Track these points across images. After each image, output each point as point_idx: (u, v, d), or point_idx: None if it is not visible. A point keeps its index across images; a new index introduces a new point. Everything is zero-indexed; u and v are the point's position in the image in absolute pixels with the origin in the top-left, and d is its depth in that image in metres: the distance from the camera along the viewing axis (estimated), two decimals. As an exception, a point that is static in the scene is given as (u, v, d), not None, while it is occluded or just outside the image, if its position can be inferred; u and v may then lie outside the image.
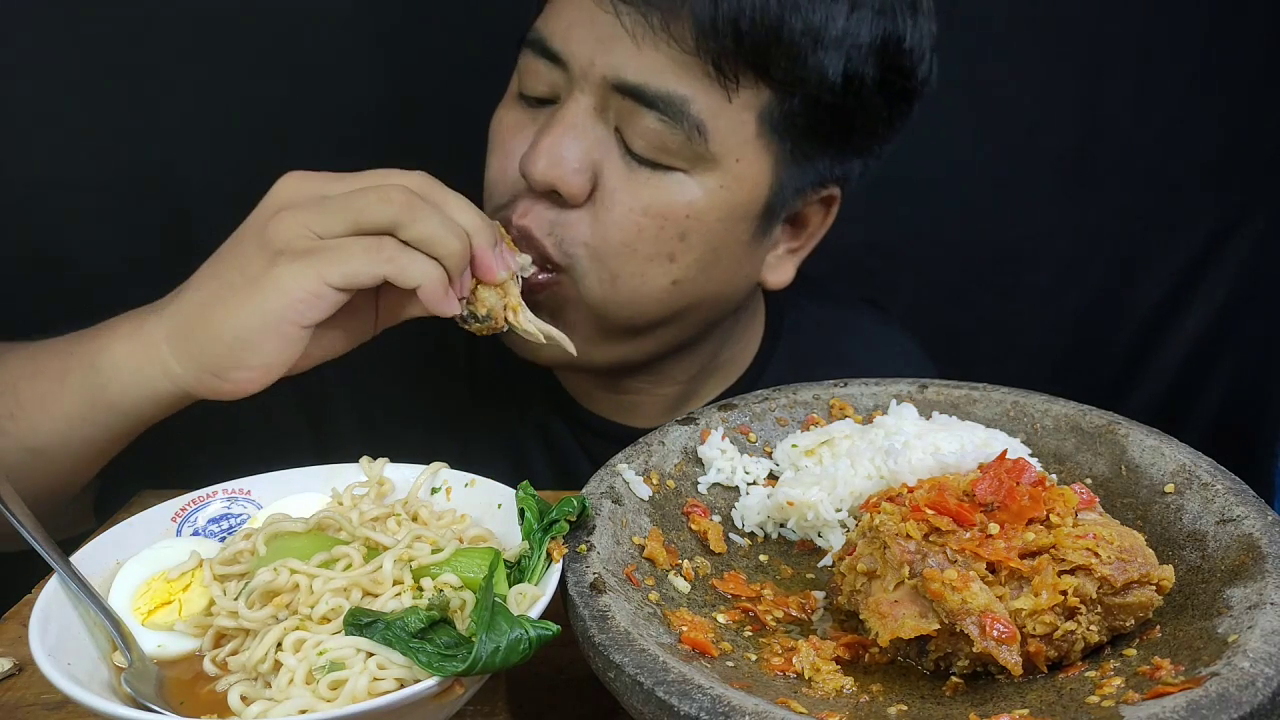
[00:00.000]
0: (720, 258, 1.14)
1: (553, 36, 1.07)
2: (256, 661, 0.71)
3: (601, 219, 1.08)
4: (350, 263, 0.90)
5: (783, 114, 1.07)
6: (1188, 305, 1.87)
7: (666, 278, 1.12)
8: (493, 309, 0.99)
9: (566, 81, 1.07)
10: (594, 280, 1.10)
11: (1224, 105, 1.78)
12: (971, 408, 1.04)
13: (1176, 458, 0.89)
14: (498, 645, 0.68)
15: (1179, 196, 1.83)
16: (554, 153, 1.05)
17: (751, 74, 1.04)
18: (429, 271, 0.92)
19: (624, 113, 1.05)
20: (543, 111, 1.11)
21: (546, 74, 1.09)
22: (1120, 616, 0.75)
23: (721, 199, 1.09)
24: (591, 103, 1.06)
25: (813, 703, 0.71)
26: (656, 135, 1.05)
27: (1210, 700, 0.62)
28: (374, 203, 0.91)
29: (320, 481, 0.92)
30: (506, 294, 1.00)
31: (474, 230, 0.95)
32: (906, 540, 0.77)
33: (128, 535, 0.84)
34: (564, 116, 1.06)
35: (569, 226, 1.09)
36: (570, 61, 1.06)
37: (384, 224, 0.91)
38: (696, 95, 1.03)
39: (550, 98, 1.10)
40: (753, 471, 1.00)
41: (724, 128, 1.06)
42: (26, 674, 0.84)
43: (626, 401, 1.32)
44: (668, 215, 1.08)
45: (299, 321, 0.91)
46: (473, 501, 0.90)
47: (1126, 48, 1.76)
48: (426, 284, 0.92)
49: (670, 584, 0.85)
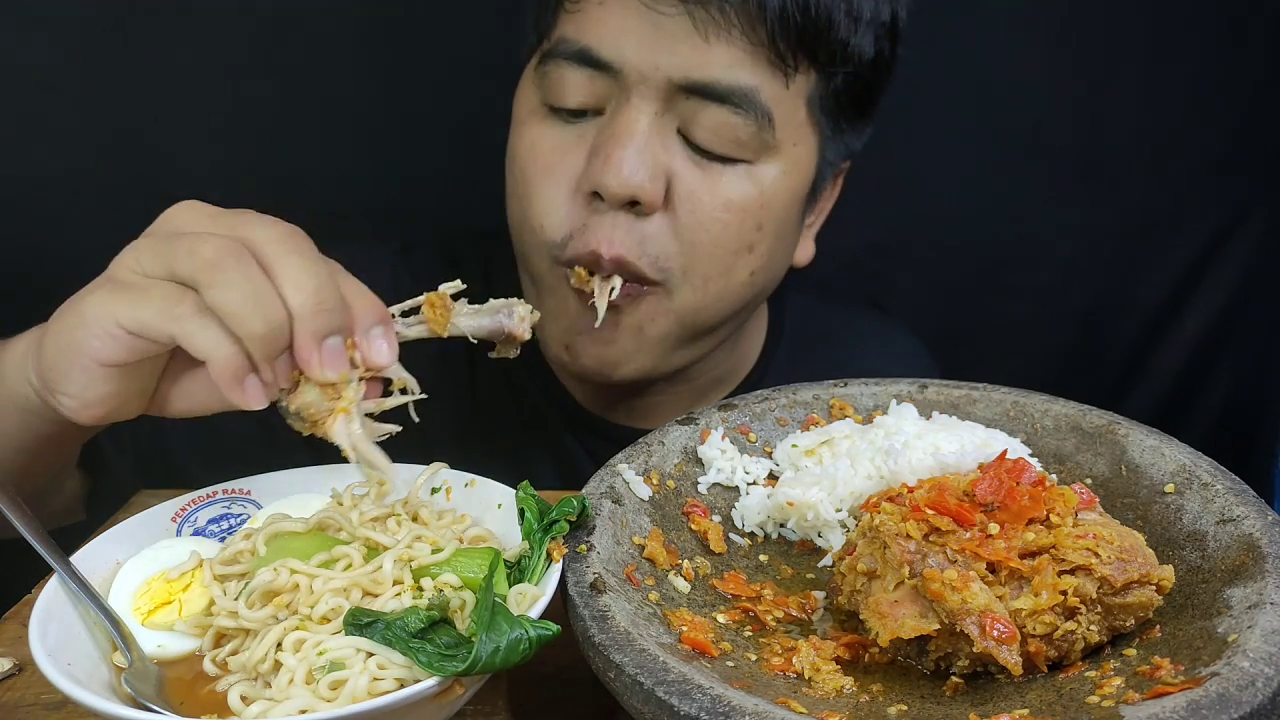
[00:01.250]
0: (784, 242, 1.17)
1: (600, 45, 1.05)
2: (256, 661, 0.71)
3: (685, 222, 1.08)
4: (141, 309, 0.78)
5: (826, 95, 1.12)
6: (1188, 305, 1.87)
7: (746, 270, 1.13)
8: (309, 410, 0.81)
9: (617, 89, 1.06)
10: (688, 288, 1.11)
11: (1225, 105, 1.78)
12: (971, 408, 1.04)
13: (1176, 458, 0.89)
14: (498, 645, 0.68)
15: (1179, 196, 1.82)
16: (631, 163, 1.03)
17: (805, 59, 1.07)
18: (219, 348, 0.76)
19: (689, 111, 1.05)
20: (585, 125, 1.09)
21: (589, 84, 1.07)
22: (1120, 616, 0.75)
23: (785, 184, 1.12)
24: (654, 107, 1.05)
25: (813, 703, 0.71)
26: (729, 128, 1.06)
27: (1210, 700, 0.62)
28: (185, 252, 0.78)
29: (320, 482, 0.93)
30: (338, 396, 0.81)
31: (302, 312, 0.77)
32: (906, 540, 0.77)
33: (128, 535, 0.85)
34: (628, 124, 1.04)
35: (656, 240, 1.07)
36: (625, 68, 1.04)
37: (186, 278, 0.77)
38: (763, 84, 1.05)
39: (594, 108, 1.08)
40: (753, 471, 1.00)
41: (784, 114, 1.08)
42: (26, 674, 0.84)
43: (640, 405, 1.30)
44: (746, 207, 1.09)
45: (95, 358, 0.80)
46: (473, 501, 0.90)
47: (1127, 48, 1.76)
48: (214, 361, 0.77)
49: (670, 584, 0.85)
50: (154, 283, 0.79)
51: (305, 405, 0.81)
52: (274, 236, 0.79)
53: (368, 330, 0.82)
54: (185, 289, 0.78)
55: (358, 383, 0.82)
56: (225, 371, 0.77)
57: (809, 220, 1.26)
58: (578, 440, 1.32)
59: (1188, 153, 1.80)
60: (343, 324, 0.80)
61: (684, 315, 1.13)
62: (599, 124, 1.08)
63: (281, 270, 0.77)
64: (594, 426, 1.31)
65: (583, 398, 1.31)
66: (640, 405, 1.30)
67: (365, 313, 0.81)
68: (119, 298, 0.79)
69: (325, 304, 0.78)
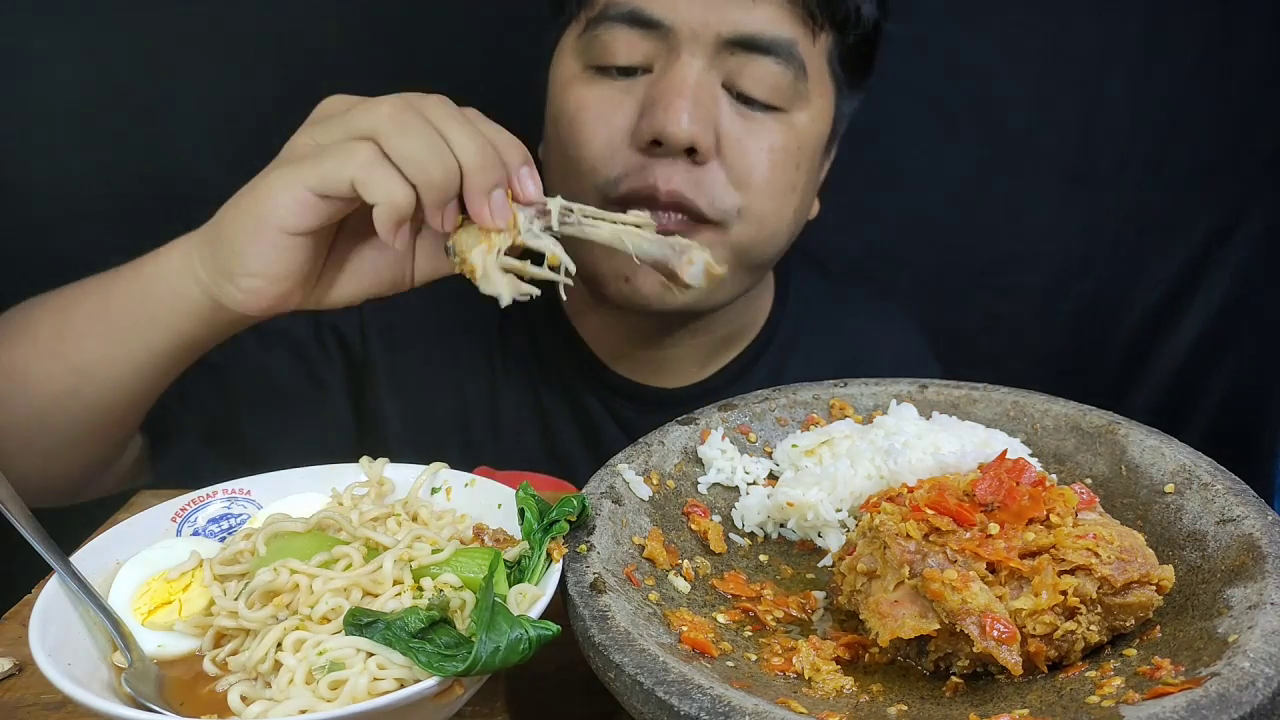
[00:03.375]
0: (813, 185, 1.28)
1: (651, 5, 1.13)
2: (256, 661, 0.71)
3: (738, 166, 1.16)
4: (323, 164, 0.88)
5: (840, 53, 1.22)
6: (1188, 305, 1.87)
7: (791, 208, 1.23)
8: (464, 251, 0.91)
9: (667, 47, 1.14)
10: (744, 226, 1.18)
11: (1223, 105, 1.78)
12: (971, 408, 1.04)
13: (1176, 458, 0.89)
14: (498, 645, 0.68)
15: (1179, 196, 1.83)
16: (690, 112, 1.10)
17: (827, 19, 1.18)
18: (392, 191, 0.87)
19: (735, 65, 1.14)
20: (632, 82, 1.16)
21: (639, 43, 1.14)
22: (1120, 616, 0.75)
23: (814, 131, 1.22)
24: (702, 63, 1.13)
25: (813, 703, 0.71)
26: (772, 78, 1.15)
27: (1210, 700, 0.62)
28: (362, 112, 0.89)
29: (320, 481, 0.92)
30: (489, 244, 0.90)
31: (470, 166, 0.89)
32: (906, 540, 0.77)
33: (128, 535, 0.85)
34: (684, 77, 1.12)
35: (711, 183, 1.15)
36: (677, 25, 1.12)
37: (368, 132, 0.88)
38: (798, 38, 1.16)
39: (643, 66, 1.15)
40: (753, 471, 1.00)
41: (813, 67, 1.19)
42: (26, 674, 0.84)
43: (660, 358, 1.36)
44: (787, 149, 1.19)
45: (283, 227, 0.90)
46: (473, 501, 0.90)
47: (1126, 48, 1.76)
48: (384, 204, 0.87)
49: (670, 584, 0.85)
50: (332, 145, 0.89)
51: (461, 244, 0.90)
52: (433, 102, 0.90)
53: (516, 169, 0.92)
54: (363, 141, 0.87)
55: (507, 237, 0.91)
56: (392, 215, 0.87)
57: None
58: (598, 398, 1.38)
59: (1186, 153, 1.81)
60: (503, 177, 0.90)
61: (739, 251, 1.20)
62: (647, 81, 1.15)
63: (447, 130, 0.88)
64: (613, 384, 1.37)
65: (605, 353, 1.37)
66: (660, 359, 1.36)
67: (512, 156, 0.91)
68: (300, 165, 0.89)
69: (489, 160, 0.89)
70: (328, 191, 0.89)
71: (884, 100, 1.78)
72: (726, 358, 1.40)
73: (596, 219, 0.94)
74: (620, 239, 0.94)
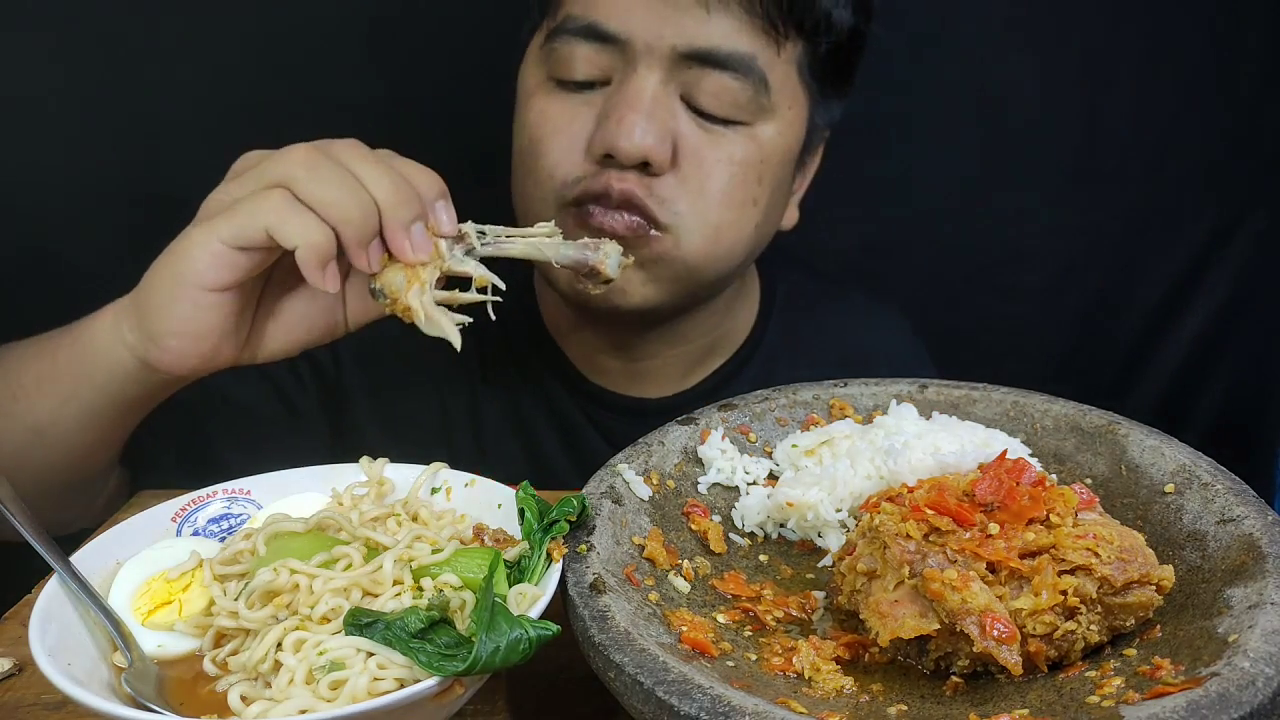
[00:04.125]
0: (779, 199, 1.26)
1: (608, 19, 1.12)
2: (257, 661, 0.71)
3: (694, 177, 1.15)
4: (237, 216, 0.88)
5: (812, 62, 1.20)
6: (1188, 305, 1.87)
7: (752, 223, 1.21)
8: (393, 289, 0.91)
9: (624, 60, 1.13)
10: (698, 238, 1.17)
11: (1224, 105, 1.78)
12: (971, 408, 1.04)
13: (1176, 458, 0.89)
14: (498, 645, 0.68)
15: (1179, 196, 1.82)
16: (642, 126, 1.10)
17: (794, 29, 1.15)
18: (310, 234, 0.86)
19: (692, 79, 1.13)
20: (591, 95, 1.15)
21: (596, 57, 1.13)
22: (1120, 616, 0.75)
23: (779, 144, 1.20)
24: (659, 76, 1.12)
25: (813, 703, 0.71)
26: (729, 93, 1.13)
27: (1210, 700, 0.62)
28: (274, 161, 0.89)
29: (320, 481, 0.92)
30: (417, 278, 0.91)
31: (387, 203, 0.88)
32: (906, 540, 0.77)
33: (128, 535, 0.85)
34: (638, 91, 1.12)
35: (665, 192, 1.14)
36: (633, 39, 1.11)
37: (280, 179, 0.88)
38: (758, 51, 1.14)
39: (601, 80, 1.15)
40: (753, 471, 1.00)
41: (778, 79, 1.16)
42: (26, 674, 0.84)
43: (639, 369, 1.35)
44: (749, 162, 1.17)
45: (202, 284, 0.90)
46: (473, 501, 0.90)
47: (1127, 48, 1.76)
48: (304, 247, 0.87)
49: (670, 584, 0.85)
50: (245, 196, 0.88)
51: (389, 284, 0.91)
52: (344, 145, 0.90)
53: (431, 203, 0.92)
54: (275, 189, 0.87)
55: (433, 268, 0.92)
56: (314, 257, 0.86)
57: (795, 185, 1.33)
58: (579, 408, 1.37)
59: (1186, 152, 1.80)
60: (422, 211, 0.91)
61: (693, 262, 1.19)
62: (605, 94, 1.15)
63: (360, 170, 0.88)
64: (594, 394, 1.37)
65: (584, 366, 1.37)
66: (640, 370, 1.36)
67: (426, 190, 0.92)
68: (214, 221, 0.89)
69: (405, 195, 0.89)
70: (244, 243, 0.89)
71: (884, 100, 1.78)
72: (710, 367, 1.39)
73: (510, 237, 0.96)
74: (536, 249, 0.97)
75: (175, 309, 0.92)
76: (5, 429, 1.03)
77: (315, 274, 0.88)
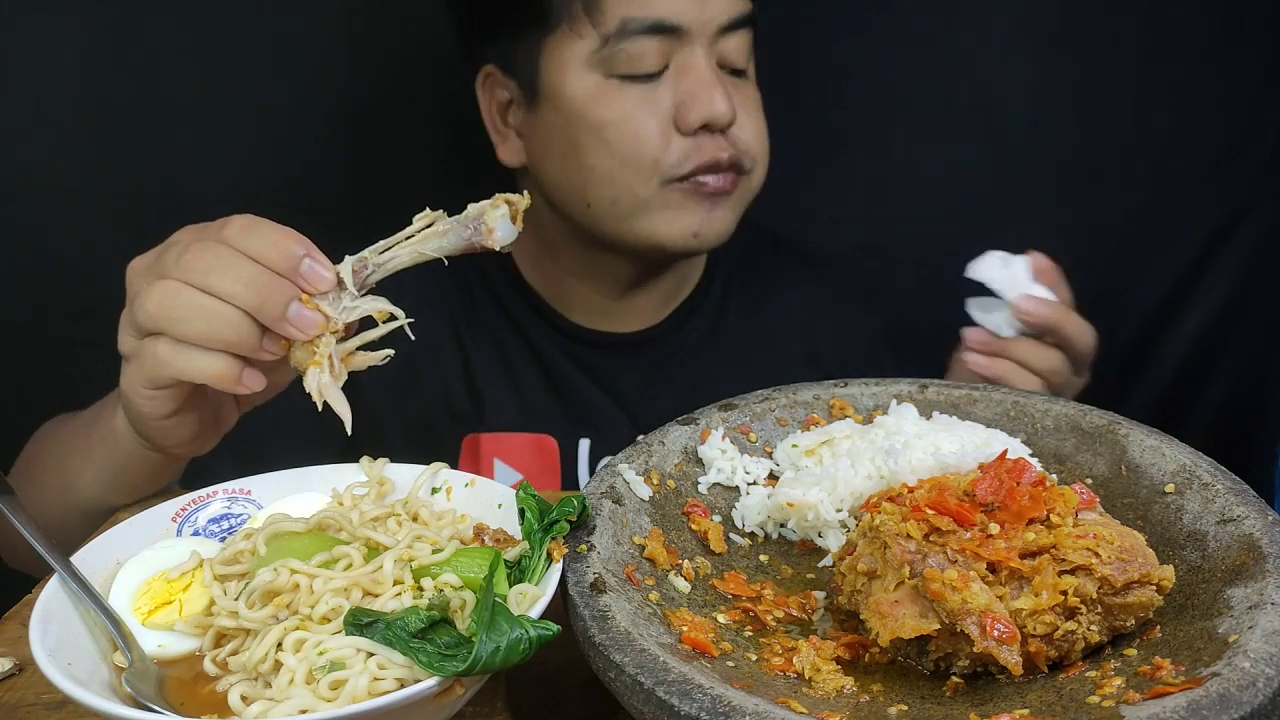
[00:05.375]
0: None
1: (669, 14, 1.30)
2: (257, 661, 0.71)
3: (746, 123, 1.38)
4: (143, 369, 0.91)
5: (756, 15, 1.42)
6: (1188, 305, 1.87)
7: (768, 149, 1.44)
8: (299, 363, 0.91)
9: (679, 45, 1.32)
10: (760, 168, 1.42)
11: (1222, 104, 1.78)
12: (972, 408, 1.04)
13: (1177, 458, 0.89)
14: (498, 645, 0.68)
15: (1180, 196, 1.82)
16: (722, 95, 1.31)
17: None
18: (209, 368, 0.89)
19: (726, 44, 1.34)
20: (655, 83, 1.32)
21: (661, 47, 1.31)
22: (1120, 616, 0.75)
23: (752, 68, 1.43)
24: (706, 49, 1.33)
25: (813, 703, 0.71)
26: (745, 46, 1.38)
27: (1211, 700, 0.62)
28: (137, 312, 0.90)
29: (320, 481, 0.93)
30: (316, 353, 0.89)
31: (254, 307, 0.87)
32: (907, 540, 0.77)
33: (128, 535, 0.85)
34: (706, 68, 1.32)
35: (739, 143, 1.36)
36: (686, 26, 1.31)
37: (152, 328, 0.89)
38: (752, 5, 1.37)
39: (663, 68, 1.32)
40: (753, 471, 1.00)
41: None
42: (27, 674, 0.84)
43: (626, 306, 1.52)
44: (758, 101, 1.43)
45: (153, 416, 0.95)
46: (473, 501, 0.90)
47: (1127, 47, 1.76)
48: (211, 379, 0.89)
49: (670, 584, 0.85)
50: (139, 345, 0.91)
51: (298, 362, 0.91)
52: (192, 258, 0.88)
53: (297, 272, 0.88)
54: (155, 338, 0.90)
55: (329, 336, 0.89)
56: (225, 381, 0.89)
57: None
58: (560, 350, 1.52)
59: (1186, 152, 1.80)
60: (292, 290, 0.88)
61: (752, 190, 1.43)
62: (666, 79, 1.32)
63: (214, 287, 0.87)
64: (573, 333, 1.52)
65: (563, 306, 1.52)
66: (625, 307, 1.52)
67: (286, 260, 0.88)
68: (129, 370, 0.94)
69: (267, 291, 0.87)
70: (162, 384, 0.92)
71: (884, 100, 1.78)
72: (678, 299, 1.56)
73: (388, 250, 0.92)
74: (420, 253, 0.92)
75: (154, 433, 0.98)
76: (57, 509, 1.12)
77: (237, 389, 0.90)
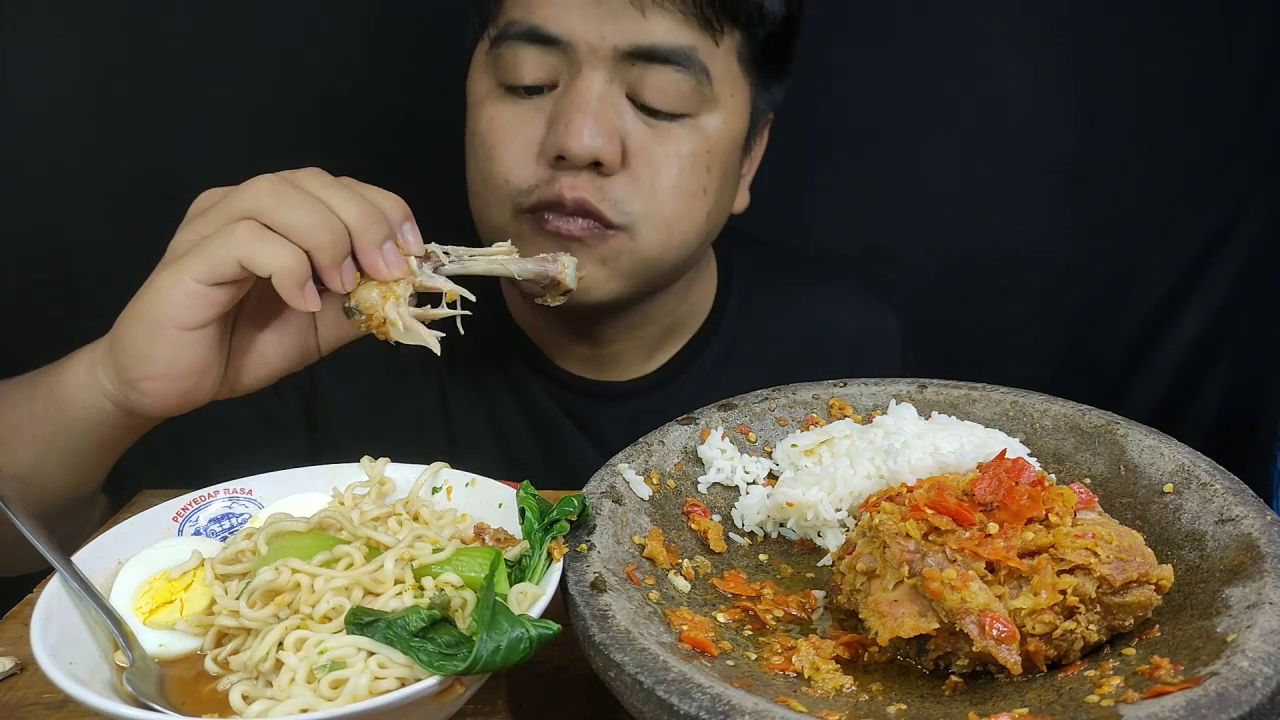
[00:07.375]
0: (729, 185, 1.29)
1: (548, 22, 1.13)
2: (258, 660, 0.71)
3: (644, 175, 1.17)
4: (207, 252, 0.89)
5: (751, 51, 1.23)
6: (1187, 305, 1.87)
7: (703, 212, 1.24)
8: (369, 306, 0.93)
9: (568, 62, 1.15)
10: (653, 232, 1.20)
11: (1221, 105, 1.78)
12: (971, 408, 1.04)
13: (1175, 457, 0.89)
14: (498, 644, 0.68)
15: (1178, 196, 1.83)
16: (591, 127, 1.12)
17: (729, 21, 1.17)
18: (284, 259, 0.88)
19: (636, 76, 1.15)
20: (540, 99, 1.17)
21: (541, 60, 1.15)
22: (1119, 616, 0.75)
23: (725, 133, 1.22)
24: (603, 75, 1.14)
25: (812, 702, 0.71)
26: (673, 86, 1.16)
27: (1209, 699, 0.62)
28: (239, 195, 0.90)
29: (321, 481, 0.93)
30: (391, 293, 0.93)
31: (357, 226, 0.90)
32: (906, 540, 0.77)
33: (129, 535, 0.85)
34: (585, 92, 1.13)
35: (617, 191, 1.17)
36: (576, 41, 1.13)
37: (247, 211, 0.89)
38: (697, 44, 1.16)
39: (548, 83, 1.17)
40: (753, 471, 1.00)
41: (718, 69, 1.19)
42: (28, 673, 0.84)
43: (604, 355, 1.39)
44: (696, 154, 1.20)
45: (179, 324, 0.90)
46: (473, 501, 0.90)
47: (1126, 47, 1.76)
48: (280, 271, 0.88)
49: (670, 583, 0.85)
50: (213, 232, 0.89)
51: (364, 300, 0.92)
52: (308, 174, 0.92)
53: (399, 225, 0.94)
54: (243, 221, 0.88)
55: (406, 284, 0.94)
56: (291, 280, 0.88)
57: (744, 170, 1.35)
58: (548, 394, 1.41)
59: (1184, 152, 1.80)
60: (391, 231, 0.93)
61: (649, 256, 1.22)
62: (553, 97, 1.17)
63: (327, 196, 0.90)
64: (563, 380, 1.40)
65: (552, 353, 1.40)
66: (604, 355, 1.39)
67: (394, 213, 0.94)
68: (185, 260, 0.89)
69: (374, 217, 0.91)
70: (217, 279, 0.89)
71: (884, 100, 1.78)
72: (674, 348, 1.42)
73: (472, 256, 0.99)
74: (499, 265, 1.00)
75: (154, 352, 0.92)
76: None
77: (295, 295, 0.89)
